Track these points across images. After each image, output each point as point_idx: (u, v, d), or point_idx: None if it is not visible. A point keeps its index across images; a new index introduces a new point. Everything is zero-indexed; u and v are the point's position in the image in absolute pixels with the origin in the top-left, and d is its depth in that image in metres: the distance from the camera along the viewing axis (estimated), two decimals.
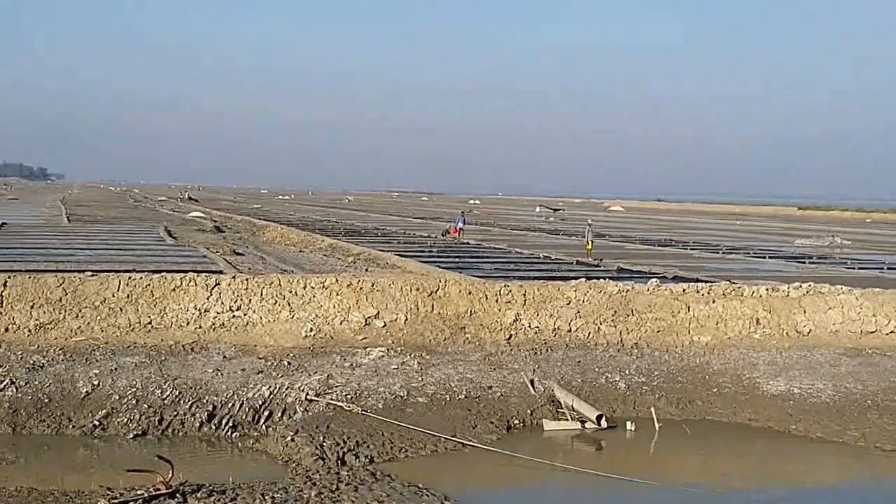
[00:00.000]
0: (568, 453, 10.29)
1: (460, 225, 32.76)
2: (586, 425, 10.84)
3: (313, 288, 12.53)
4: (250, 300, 12.26)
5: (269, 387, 10.76)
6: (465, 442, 10.07)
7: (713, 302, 13.33)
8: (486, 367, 11.81)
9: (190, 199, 71.70)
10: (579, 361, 12.22)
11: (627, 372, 12.08)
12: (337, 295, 12.51)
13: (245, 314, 12.18)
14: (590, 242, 24.48)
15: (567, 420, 10.93)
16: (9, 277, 11.83)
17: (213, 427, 10.28)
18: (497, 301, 12.91)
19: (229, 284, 12.33)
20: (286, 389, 10.75)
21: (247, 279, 12.60)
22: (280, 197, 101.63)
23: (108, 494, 7.44)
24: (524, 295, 13.00)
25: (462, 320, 12.71)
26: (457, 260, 21.99)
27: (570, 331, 12.85)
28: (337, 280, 12.73)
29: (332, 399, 10.61)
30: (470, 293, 12.93)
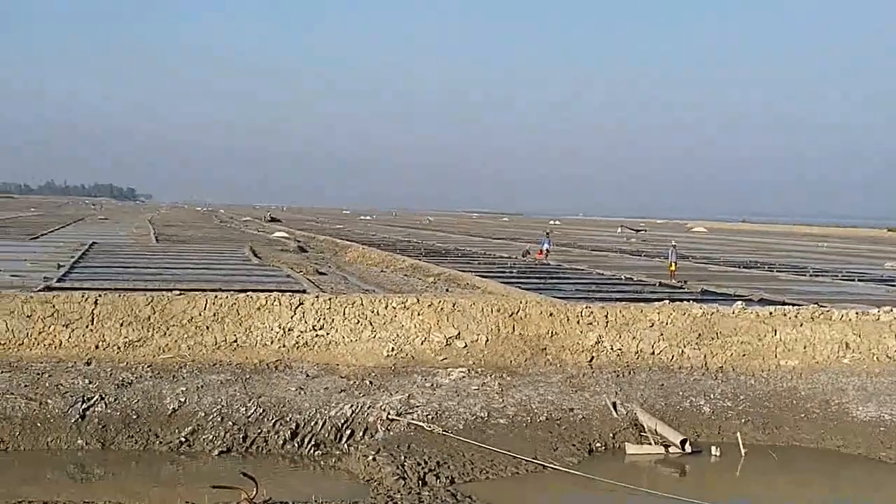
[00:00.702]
0: (651, 478, 10.15)
1: (546, 246, 32.59)
2: (670, 450, 10.68)
3: (395, 308, 12.61)
4: (333, 319, 12.39)
5: (352, 406, 10.83)
6: (546, 464, 9.99)
7: (801, 325, 13.06)
8: (568, 389, 11.73)
9: (272, 219, 72.75)
10: (662, 385, 12.07)
11: (712, 396, 11.88)
12: (418, 315, 12.57)
13: (328, 333, 12.31)
14: (673, 264, 24.20)
15: (650, 444, 10.78)
16: (99, 296, 12.13)
17: (296, 445, 10.38)
18: (579, 322, 12.83)
19: (313, 304, 12.47)
20: (368, 408, 10.81)
21: (330, 299, 12.73)
22: (362, 217, 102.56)
23: None
24: (606, 317, 12.90)
25: (543, 341, 12.66)
26: (537, 281, 21.91)
27: (653, 353, 12.72)
28: (418, 300, 12.79)
29: (413, 419, 10.63)
30: (551, 314, 12.88)
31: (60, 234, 37.14)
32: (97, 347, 11.69)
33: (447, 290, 19.23)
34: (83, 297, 12.00)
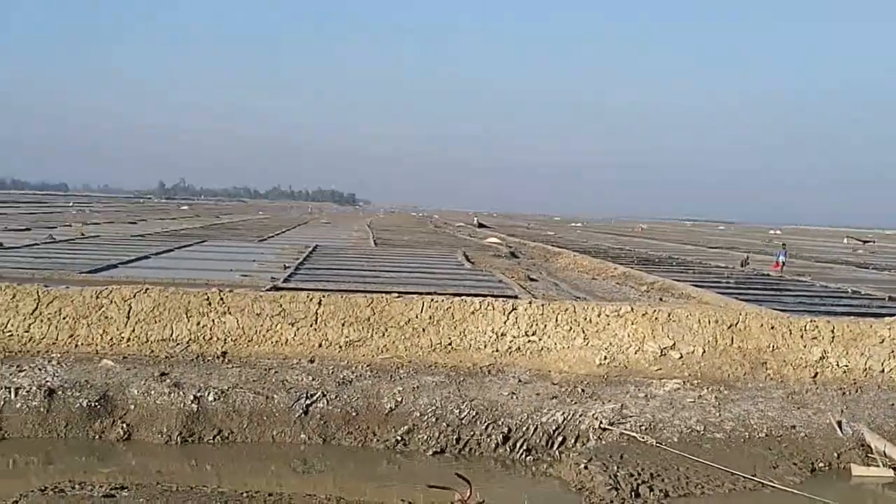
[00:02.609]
0: (879, 501, 9.59)
1: (782, 258, 31.28)
2: None
3: (608, 316, 12.51)
4: (545, 326, 12.42)
5: (563, 413, 10.81)
6: (765, 482, 9.61)
7: None
8: (789, 406, 11.26)
9: (480, 224, 73.57)
10: (893, 405, 11.39)
11: None
12: (632, 324, 12.41)
13: (540, 339, 12.35)
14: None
15: (878, 466, 10.19)
16: (323, 296, 12.64)
17: (508, 449, 10.45)
18: (802, 337, 12.31)
19: (525, 310, 12.55)
20: (580, 416, 10.75)
21: (542, 305, 12.77)
22: (572, 224, 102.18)
23: None
24: (832, 331, 12.31)
25: (763, 355, 12.22)
26: (757, 292, 21.15)
27: (882, 371, 12.04)
28: (632, 309, 12.63)
29: (625, 429, 10.49)
30: (772, 327, 12.42)
31: (286, 236, 38.92)
32: (320, 346, 12.19)
33: (661, 300, 18.87)
34: (308, 297, 12.55)
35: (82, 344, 11.96)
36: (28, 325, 12.00)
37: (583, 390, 11.40)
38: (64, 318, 12.06)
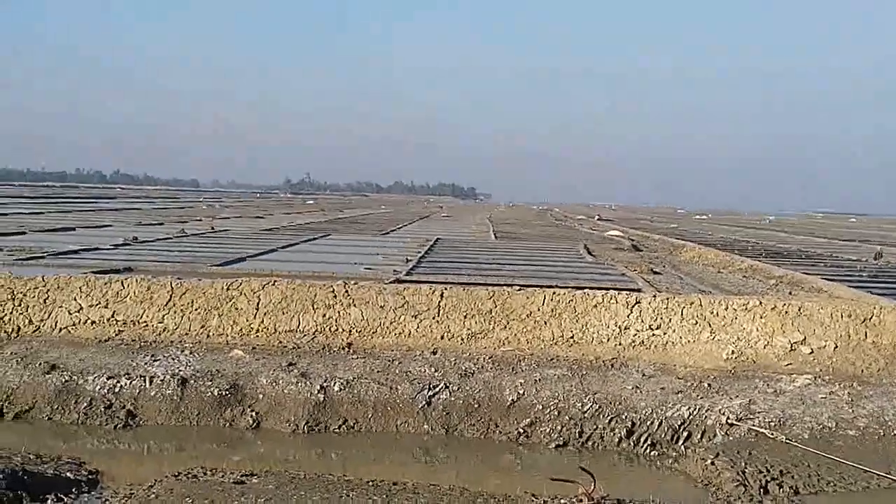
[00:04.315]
0: None
1: None
2: None
3: (735, 310, 12.23)
4: (670, 319, 12.22)
5: (689, 407, 10.62)
6: None
7: None
8: None
9: (599, 219, 72.92)
10: None
11: None
12: (760, 318, 12.11)
13: (665, 333, 12.16)
14: None
15: None
16: (446, 289, 12.72)
17: (632, 443, 10.34)
18: None
19: (649, 303, 12.37)
20: (706, 411, 10.55)
21: (667, 298, 12.57)
22: (697, 217, 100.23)
23: (533, 500, 7.72)
24: None
25: None
26: (891, 286, 20.35)
27: None
28: (760, 303, 12.32)
29: (753, 425, 10.25)
30: None
31: (408, 230, 39.27)
32: (443, 338, 12.27)
33: (790, 293, 18.34)
34: (431, 289, 12.65)
35: (213, 334, 12.32)
36: (162, 317, 12.43)
37: (709, 385, 11.18)
38: (196, 310, 12.45)
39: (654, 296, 12.77)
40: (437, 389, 11.01)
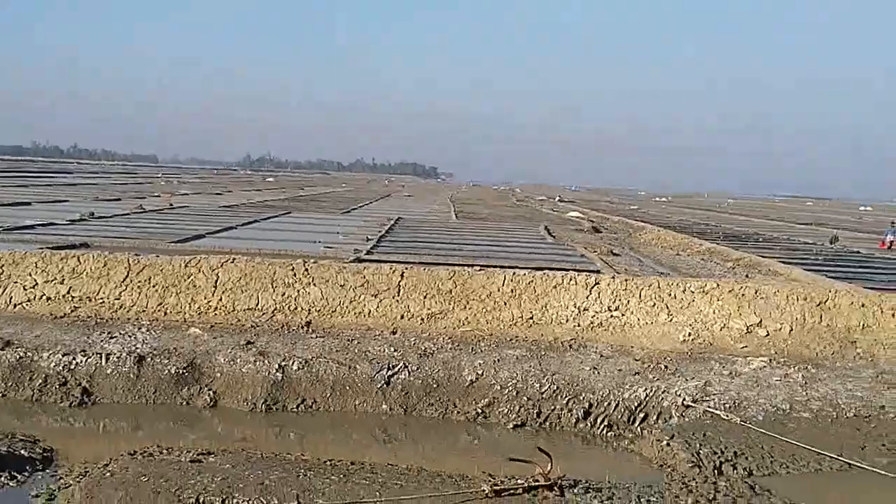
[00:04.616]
0: None
1: (890, 237, 30.56)
2: None
3: (693, 292, 12.33)
4: (629, 301, 12.30)
5: (646, 389, 10.70)
6: (852, 462, 9.39)
7: None
8: (879, 386, 10.97)
9: (560, 200, 73.21)
10: None
11: None
12: (717, 300, 12.22)
13: (623, 315, 12.23)
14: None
15: None
16: (406, 269, 12.69)
17: (589, 424, 10.41)
18: (894, 315, 11.98)
19: (608, 284, 12.44)
20: (662, 393, 10.64)
21: (626, 280, 12.64)
22: (656, 199, 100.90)
23: (489, 480, 7.72)
24: None
25: (853, 334, 11.93)
26: (846, 269, 20.65)
27: None
28: (718, 285, 12.43)
29: (709, 406, 10.35)
30: (863, 305, 12.12)
31: (369, 209, 39.20)
32: (402, 317, 12.26)
33: (747, 276, 18.54)
34: (391, 269, 12.62)
35: (171, 312, 12.22)
36: (119, 293, 12.29)
37: (666, 367, 11.28)
38: (153, 287, 12.33)
39: (613, 277, 12.84)
40: (396, 369, 11.00)
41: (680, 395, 10.56)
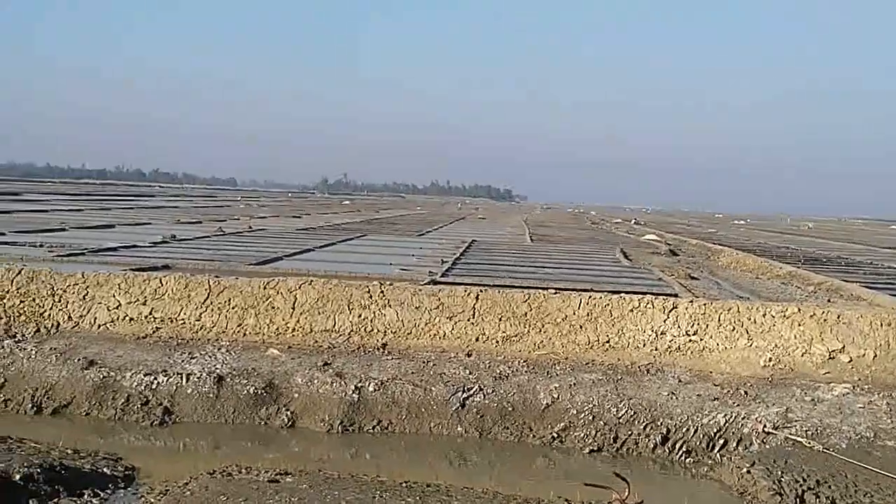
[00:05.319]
0: None
1: None
2: None
3: (773, 316, 12.11)
4: (707, 325, 12.13)
5: (725, 415, 10.54)
6: None
7: None
8: None
9: (636, 223, 72.66)
10: None
11: None
12: (799, 325, 11.99)
13: (701, 339, 12.07)
14: None
15: None
16: (481, 291, 12.70)
17: (667, 450, 10.28)
18: None
19: (686, 308, 12.29)
20: (742, 419, 10.46)
21: (704, 304, 12.48)
22: (735, 222, 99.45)
23: None
24: None
25: None
26: None
27: None
28: (799, 310, 12.20)
29: (790, 433, 10.14)
30: None
31: (443, 231, 39.28)
32: (477, 340, 12.26)
33: (829, 301, 18.14)
34: (466, 291, 12.64)
35: (250, 333, 12.40)
36: (199, 314, 12.52)
37: (746, 392, 11.09)
38: (233, 308, 12.53)
39: (692, 301, 12.68)
40: (471, 392, 11.01)
41: (760, 422, 10.37)
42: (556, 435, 10.57)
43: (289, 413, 10.82)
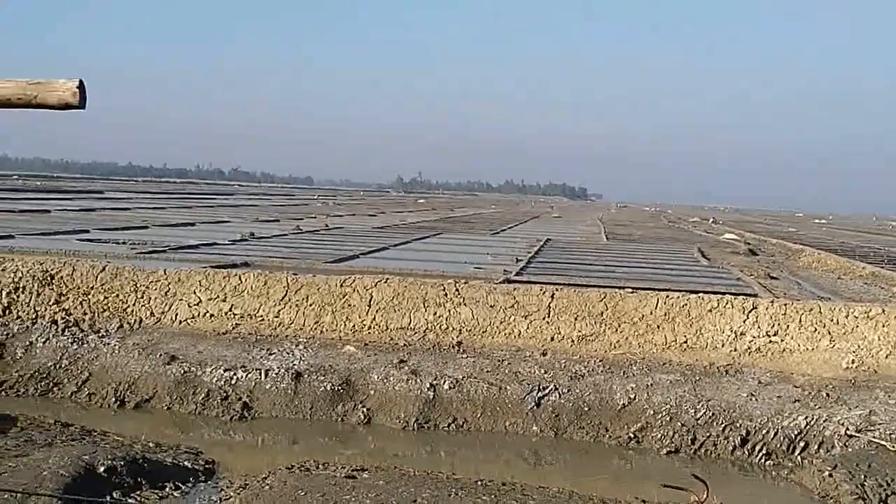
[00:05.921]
0: None
1: None
2: None
3: (856, 318, 11.84)
4: (788, 326, 11.91)
5: (806, 417, 10.34)
6: None
7: None
8: None
9: (714, 221, 71.48)
10: None
11: None
12: (883, 327, 11.70)
13: (782, 340, 11.85)
14: None
15: None
16: (556, 290, 12.65)
17: (746, 452, 10.12)
18: None
19: (766, 309, 12.08)
20: (824, 421, 10.26)
21: (785, 304, 12.25)
22: (816, 221, 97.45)
23: None
24: None
25: None
26: None
27: None
28: (883, 311, 11.90)
29: (873, 437, 9.91)
30: None
31: (518, 229, 39.20)
32: (552, 339, 12.21)
33: None
34: (542, 290, 12.59)
35: (327, 330, 12.52)
36: (278, 311, 12.68)
37: (828, 395, 10.87)
38: (310, 305, 12.66)
39: (772, 301, 12.46)
40: (546, 391, 10.98)
41: (843, 424, 10.16)
42: (632, 435, 10.49)
43: (365, 410, 10.91)
